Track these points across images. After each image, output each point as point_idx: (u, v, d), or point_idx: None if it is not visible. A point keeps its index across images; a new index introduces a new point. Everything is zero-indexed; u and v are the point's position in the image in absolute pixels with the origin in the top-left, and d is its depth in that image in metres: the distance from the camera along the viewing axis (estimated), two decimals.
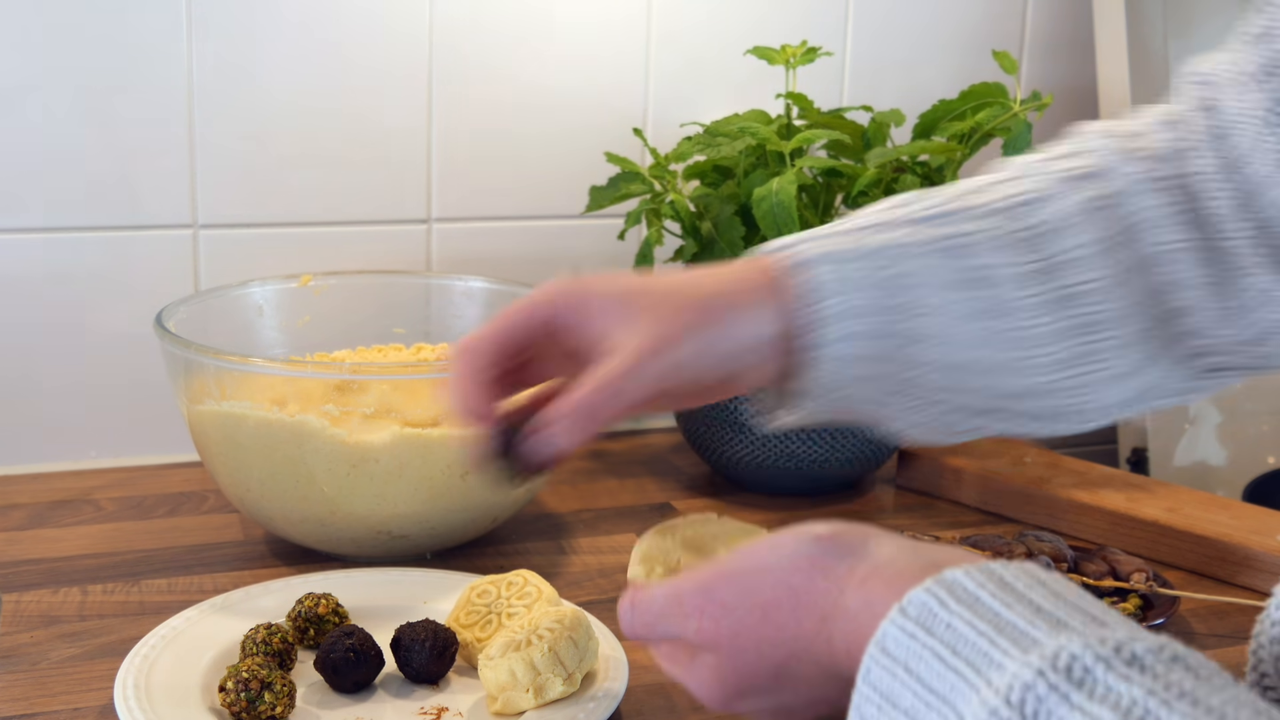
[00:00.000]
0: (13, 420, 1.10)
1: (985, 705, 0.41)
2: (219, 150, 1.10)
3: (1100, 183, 0.66)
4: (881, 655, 0.46)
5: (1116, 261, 0.65)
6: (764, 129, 1.03)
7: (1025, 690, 0.41)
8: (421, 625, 0.77)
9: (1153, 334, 0.66)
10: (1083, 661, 0.41)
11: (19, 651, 0.80)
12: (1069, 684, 0.41)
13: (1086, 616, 0.44)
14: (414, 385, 0.90)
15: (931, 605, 0.45)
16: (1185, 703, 0.39)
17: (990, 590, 0.45)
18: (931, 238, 0.64)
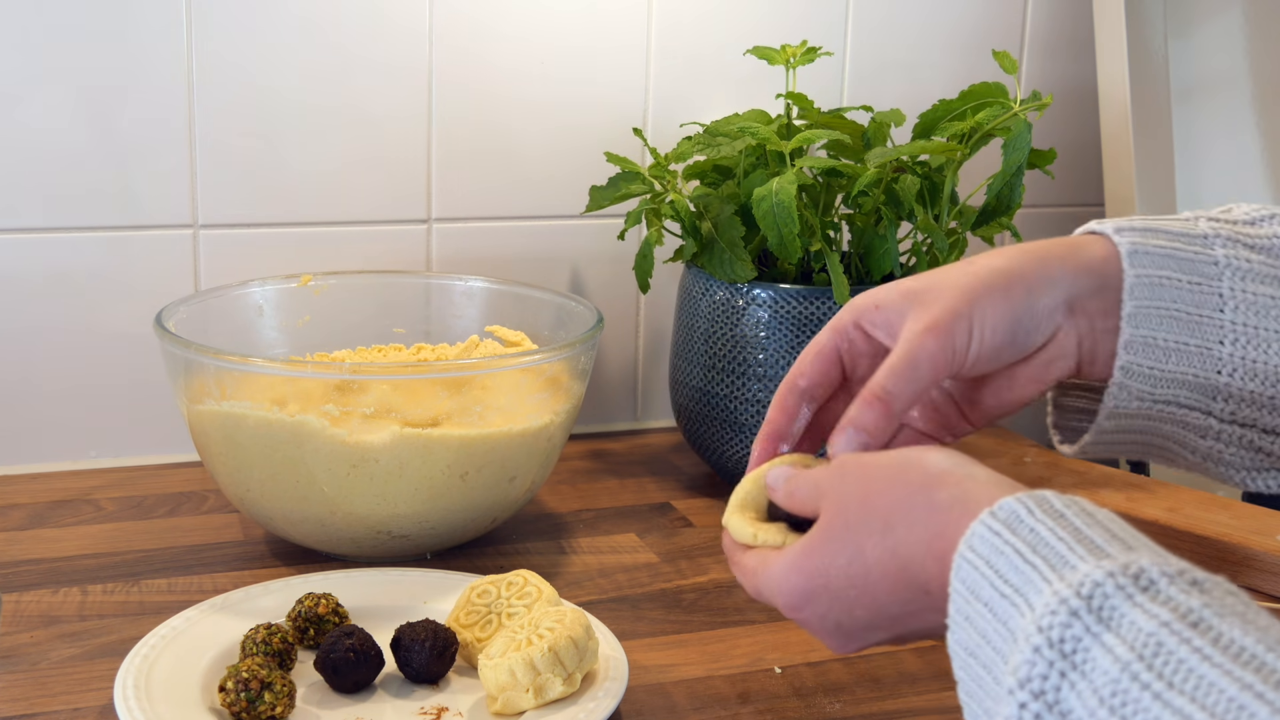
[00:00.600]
0: (13, 420, 1.10)
1: (1057, 595, 0.45)
2: (219, 150, 1.10)
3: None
4: (970, 552, 0.50)
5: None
6: (764, 129, 1.03)
7: (1095, 586, 0.45)
8: (421, 625, 0.77)
9: None
10: (1150, 574, 0.45)
11: (19, 651, 0.80)
12: (1135, 587, 0.44)
13: (1154, 550, 0.47)
14: (414, 385, 0.90)
15: (1019, 511, 0.49)
16: (1237, 618, 0.42)
17: (1075, 511, 0.49)
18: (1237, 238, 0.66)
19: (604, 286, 1.23)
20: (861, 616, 0.57)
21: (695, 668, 0.81)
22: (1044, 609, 0.45)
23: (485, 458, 0.90)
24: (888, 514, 0.55)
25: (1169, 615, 0.43)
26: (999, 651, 0.47)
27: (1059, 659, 0.44)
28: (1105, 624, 0.44)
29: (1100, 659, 0.43)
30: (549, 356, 0.93)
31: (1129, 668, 0.42)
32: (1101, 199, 1.33)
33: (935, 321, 0.62)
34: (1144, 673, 0.42)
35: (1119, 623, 0.44)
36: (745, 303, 1.04)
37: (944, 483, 0.54)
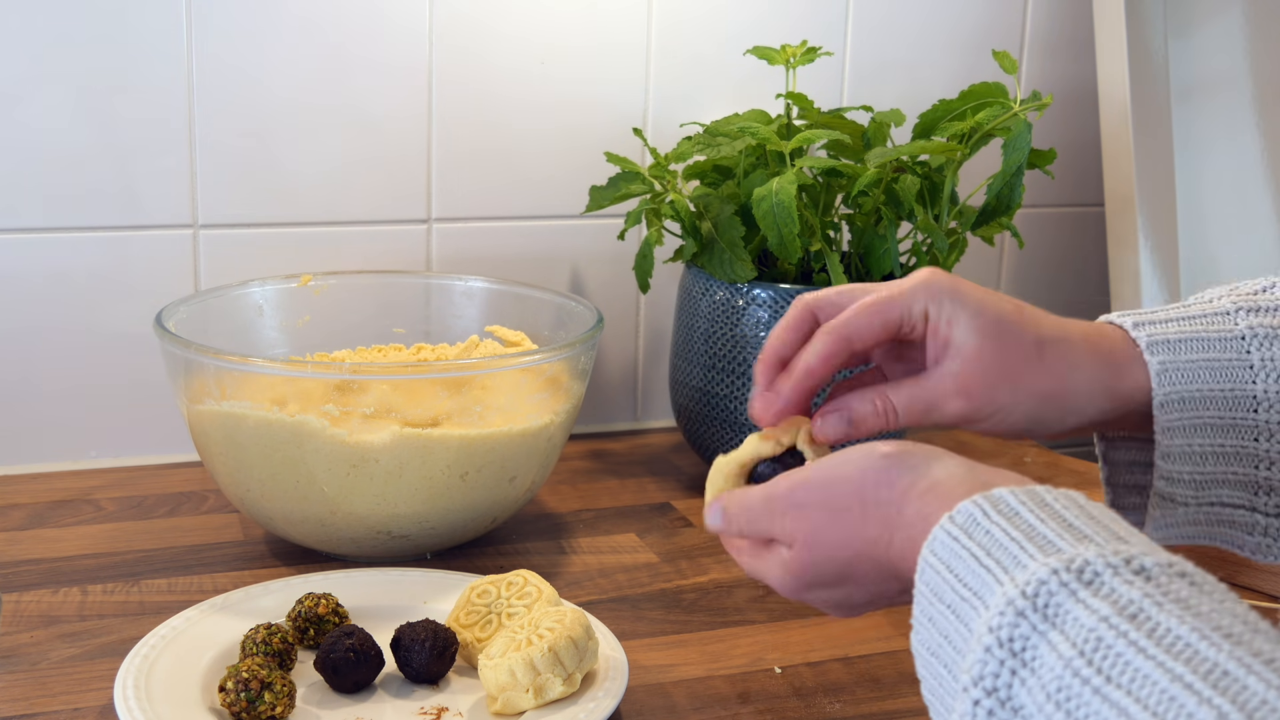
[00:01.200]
0: (13, 420, 1.10)
1: (1005, 596, 0.47)
2: (219, 150, 1.10)
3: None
4: (931, 556, 0.52)
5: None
6: (764, 129, 1.03)
7: (1039, 585, 0.47)
8: (421, 625, 0.77)
9: None
10: (1094, 567, 0.47)
11: (19, 651, 0.80)
12: (1079, 583, 0.46)
13: (1110, 534, 0.49)
14: (414, 385, 0.90)
15: (975, 515, 0.51)
16: (1177, 606, 0.44)
17: (1029, 507, 0.51)
18: None
19: (604, 286, 1.23)
20: (860, 598, 0.61)
21: (695, 668, 0.81)
22: (995, 609, 0.48)
23: (485, 458, 0.90)
24: (865, 533, 0.58)
25: (1109, 610, 0.45)
26: (959, 651, 0.50)
27: (1009, 657, 0.46)
28: (1051, 622, 0.46)
29: (1047, 656, 0.45)
30: (549, 356, 0.93)
31: (1071, 664, 0.44)
32: (1101, 199, 1.34)
33: (970, 391, 0.64)
34: (1085, 669, 0.44)
35: (1063, 620, 0.46)
36: (745, 303, 1.04)
37: (909, 498, 0.56)
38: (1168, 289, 1.21)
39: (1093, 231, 1.37)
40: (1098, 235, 1.37)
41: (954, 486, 0.55)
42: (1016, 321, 0.65)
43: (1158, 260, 1.21)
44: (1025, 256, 1.36)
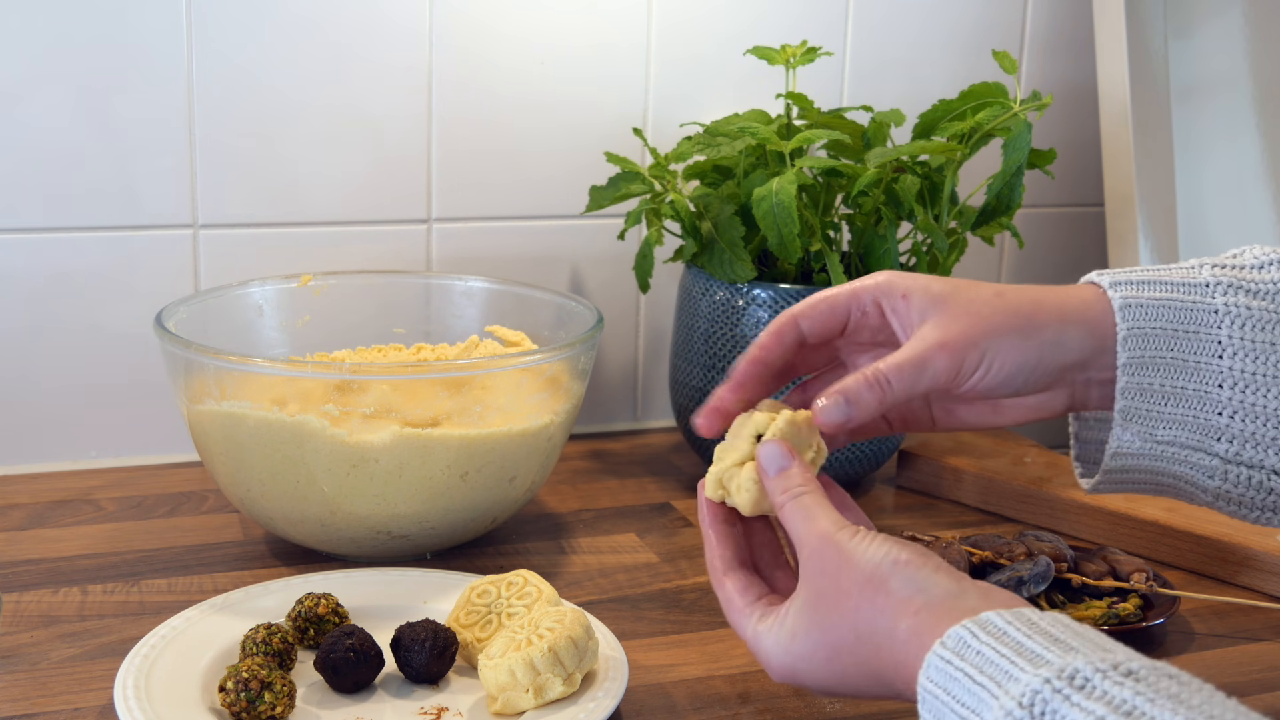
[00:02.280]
0: (13, 420, 1.10)
1: (1003, 709, 0.50)
2: (219, 150, 1.10)
3: None
4: (929, 683, 0.54)
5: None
6: (764, 129, 1.03)
7: (1034, 695, 0.49)
8: (421, 625, 0.77)
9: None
10: (1084, 673, 0.49)
11: (19, 651, 0.80)
12: (1071, 688, 0.48)
13: (1096, 645, 0.51)
14: (414, 385, 0.90)
15: (966, 638, 0.54)
16: (1170, 701, 0.47)
17: (1016, 626, 0.53)
18: None
19: (604, 286, 1.23)
20: (846, 693, 0.63)
21: (695, 668, 0.81)
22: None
23: (485, 458, 0.90)
24: (856, 630, 0.59)
25: (1104, 710, 0.47)
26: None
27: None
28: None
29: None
30: (549, 356, 0.93)
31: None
32: (1101, 199, 1.34)
33: (951, 341, 0.66)
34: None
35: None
36: (745, 303, 1.04)
37: (904, 613, 0.58)
38: None
39: (1093, 231, 1.37)
40: (1098, 235, 1.37)
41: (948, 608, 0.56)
42: (969, 283, 0.68)
43: (1158, 260, 1.21)
44: (1025, 256, 1.36)
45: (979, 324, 0.66)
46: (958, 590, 0.58)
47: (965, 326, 0.66)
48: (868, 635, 0.59)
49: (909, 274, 0.69)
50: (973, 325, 0.66)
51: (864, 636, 0.59)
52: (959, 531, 1.02)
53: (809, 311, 0.70)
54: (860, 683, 0.61)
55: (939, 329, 0.66)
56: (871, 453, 1.08)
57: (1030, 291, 0.68)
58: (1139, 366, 0.67)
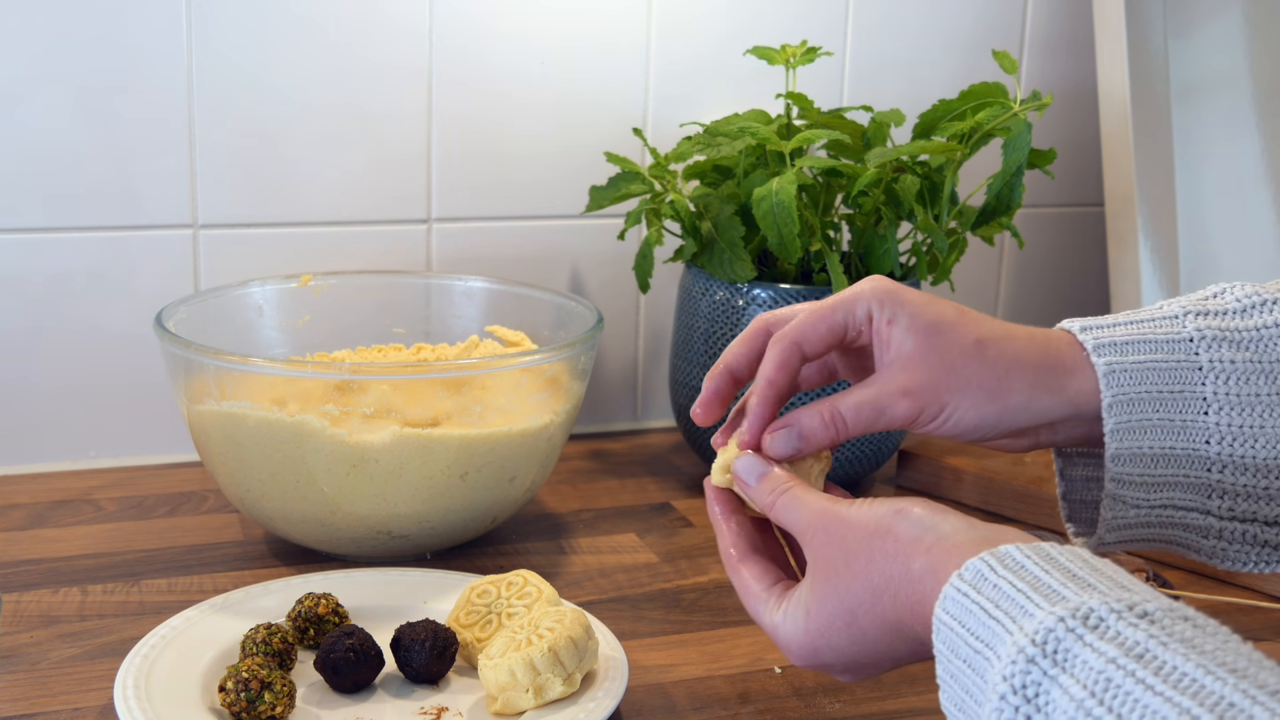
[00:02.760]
0: (13, 420, 1.10)
1: (1015, 645, 0.49)
2: (219, 150, 1.10)
3: None
4: (944, 614, 0.54)
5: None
6: (764, 129, 1.03)
7: (1048, 632, 0.48)
8: (421, 625, 0.77)
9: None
10: (1099, 613, 0.48)
11: (19, 651, 0.80)
12: (1085, 628, 0.48)
13: (1114, 583, 0.51)
14: (414, 385, 0.90)
15: (983, 570, 0.53)
16: (1181, 645, 0.46)
17: (1035, 560, 0.53)
18: None
19: (604, 286, 1.23)
20: (869, 663, 0.62)
21: (695, 668, 0.81)
22: (1006, 659, 0.49)
23: (485, 458, 0.90)
24: (870, 584, 0.59)
25: (1116, 651, 0.47)
26: (979, 703, 0.51)
27: (1024, 704, 0.48)
28: (1060, 666, 0.48)
29: (1059, 699, 0.47)
30: (549, 356, 0.93)
31: (1083, 705, 0.46)
32: (1101, 199, 1.34)
33: (915, 389, 0.65)
34: (1096, 708, 0.46)
35: (1072, 663, 0.47)
36: (745, 303, 1.04)
37: (915, 552, 0.57)
38: (1168, 289, 1.21)
39: (1093, 231, 1.37)
40: (1098, 235, 1.37)
41: (959, 542, 0.56)
42: (956, 321, 0.66)
43: (1158, 260, 1.21)
44: (1025, 256, 1.36)
45: (949, 376, 0.65)
46: (967, 524, 0.57)
47: (934, 376, 0.65)
48: (882, 587, 0.58)
49: (904, 292, 0.67)
50: (942, 377, 0.65)
51: (879, 589, 0.58)
52: None
53: (809, 336, 0.68)
54: (881, 643, 0.60)
55: (906, 372, 0.65)
56: (871, 453, 1.08)
57: (1012, 347, 0.66)
58: (1127, 432, 0.66)
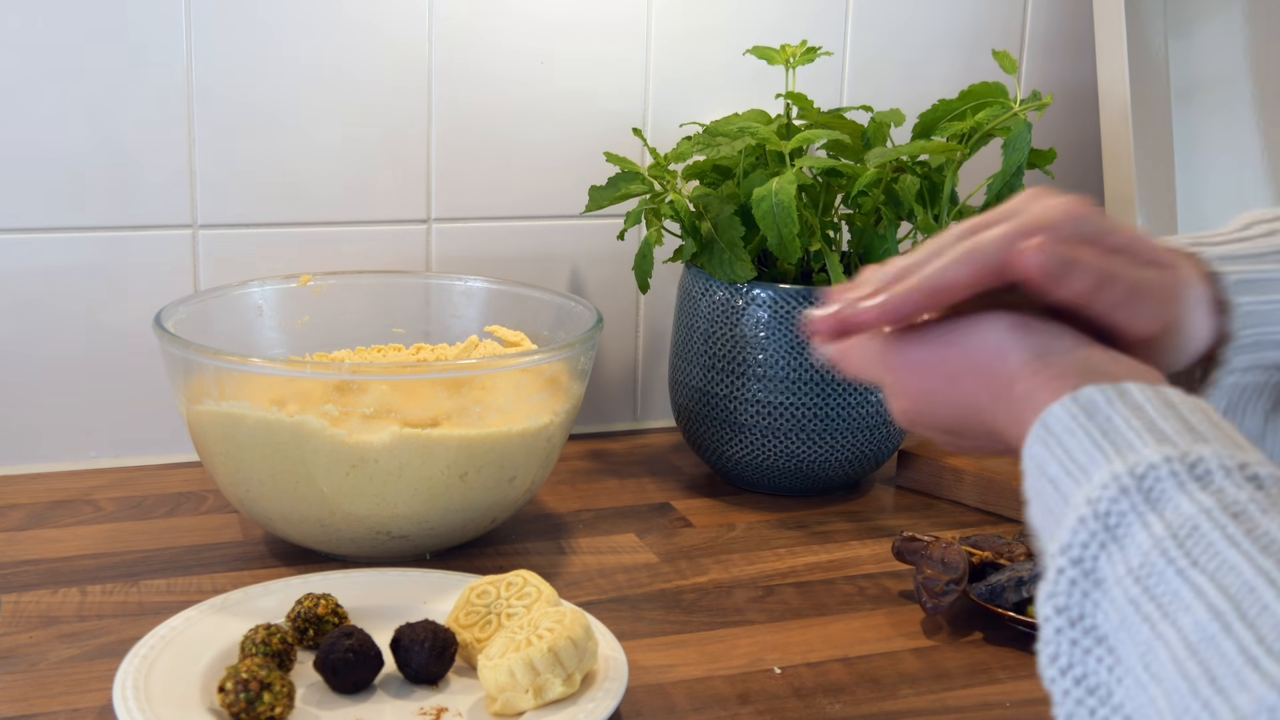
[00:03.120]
0: (13, 420, 1.09)
1: (1111, 472, 0.47)
2: (219, 150, 1.10)
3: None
4: (1043, 430, 0.51)
5: None
6: (764, 129, 1.03)
7: (1149, 468, 0.47)
8: (421, 625, 0.77)
9: None
10: (1208, 464, 0.46)
11: (18, 652, 0.80)
12: (1189, 476, 0.46)
13: (1230, 441, 0.48)
14: (414, 385, 0.90)
15: (1098, 400, 0.51)
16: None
17: (1155, 403, 0.50)
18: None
19: (604, 286, 1.23)
20: (967, 445, 0.61)
21: (695, 668, 0.81)
22: (1098, 483, 0.47)
23: (485, 458, 0.90)
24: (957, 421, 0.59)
25: (1212, 503, 0.45)
26: (1058, 524, 0.49)
27: (1101, 530, 0.47)
28: (1151, 504, 0.46)
29: (1139, 535, 0.45)
30: (549, 356, 0.93)
31: (1161, 544, 0.44)
32: (1101, 199, 1.33)
33: None
34: (1173, 549, 0.44)
35: (1164, 505, 0.46)
36: (745, 303, 1.04)
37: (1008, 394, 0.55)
38: None
39: None
40: None
41: (1067, 369, 0.54)
42: None
43: None
44: None
45: None
46: (1081, 355, 0.55)
47: None
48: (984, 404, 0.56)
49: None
50: None
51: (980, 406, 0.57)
52: (959, 531, 1.02)
53: None
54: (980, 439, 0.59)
55: None
56: (871, 452, 1.08)
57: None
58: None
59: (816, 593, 0.92)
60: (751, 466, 1.07)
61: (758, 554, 0.98)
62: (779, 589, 0.93)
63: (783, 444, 1.05)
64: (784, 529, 1.03)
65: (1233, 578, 0.42)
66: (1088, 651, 0.46)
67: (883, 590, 0.93)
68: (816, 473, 1.07)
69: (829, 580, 0.95)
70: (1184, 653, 0.42)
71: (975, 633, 0.87)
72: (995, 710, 0.78)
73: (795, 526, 1.04)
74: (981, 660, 0.84)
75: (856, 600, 0.92)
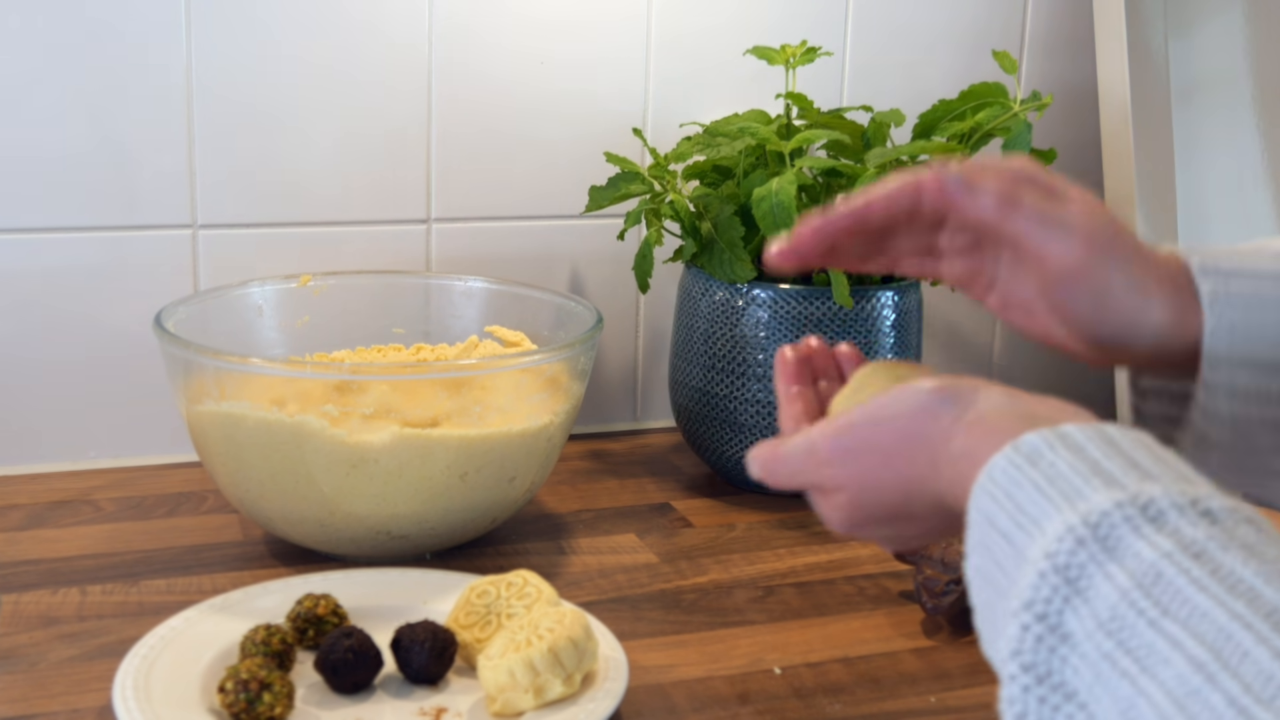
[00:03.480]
0: (13, 420, 1.09)
1: (1065, 523, 0.46)
2: (219, 150, 1.10)
3: None
4: (989, 482, 0.51)
5: None
6: (764, 129, 1.03)
7: (1102, 516, 0.46)
8: (421, 626, 0.77)
9: None
10: (1159, 505, 0.46)
11: (18, 652, 0.80)
12: (1142, 518, 0.45)
13: (1177, 475, 0.48)
14: (414, 385, 0.90)
15: (1040, 446, 0.50)
16: (1241, 549, 0.44)
17: (1096, 444, 0.50)
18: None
19: (604, 286, 1.23)
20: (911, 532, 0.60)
21: (695, 668, 0.81)
22: (1053, 535, 0.47)
23: (485, 458, 0.90)
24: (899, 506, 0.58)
25: (1171, 546, 0.44)
26: (1010, 578, 0.49)
27: (1063, 584, 0.46)
28: (1109, 553, 0.45)
29: (1102, 586, 0.45)
30: (549, 357, 0.93)
31: (1128, 595, 0.44)
32: (1101, 199, 1.33)
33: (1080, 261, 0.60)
34: (1141, 600, 0.43)
35: (1123, 552, 0.45)
36: (745, 303, 1.04)
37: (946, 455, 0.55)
38: None
39: None
40: None
41: (1001, 418, 0.53)
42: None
43: None
44: None
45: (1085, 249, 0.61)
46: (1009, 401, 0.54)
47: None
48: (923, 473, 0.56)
49: None
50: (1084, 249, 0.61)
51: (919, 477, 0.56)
52: None
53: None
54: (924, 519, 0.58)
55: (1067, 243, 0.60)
56: None
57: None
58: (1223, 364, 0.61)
59: (816, 593, 0.92)
60: None
61: (758, 554, 0.98)
62: (779, 589, 0.93)
63: None
64: (784, 529, 1.03)
65: (1207, 625, 0.41)
66: (1056, 709, 0.46)
67: (883, 590, 0.93)
68: None
69: (829, 580, 0.95)
70: (1171, 708, 0.41)
71: (975, 633, 0.87)
72: (995, 710, 0.78)
73: (795, 526, 1.04)
74: (981, 660, 0.84)
75: (856, 600, 0.92)
